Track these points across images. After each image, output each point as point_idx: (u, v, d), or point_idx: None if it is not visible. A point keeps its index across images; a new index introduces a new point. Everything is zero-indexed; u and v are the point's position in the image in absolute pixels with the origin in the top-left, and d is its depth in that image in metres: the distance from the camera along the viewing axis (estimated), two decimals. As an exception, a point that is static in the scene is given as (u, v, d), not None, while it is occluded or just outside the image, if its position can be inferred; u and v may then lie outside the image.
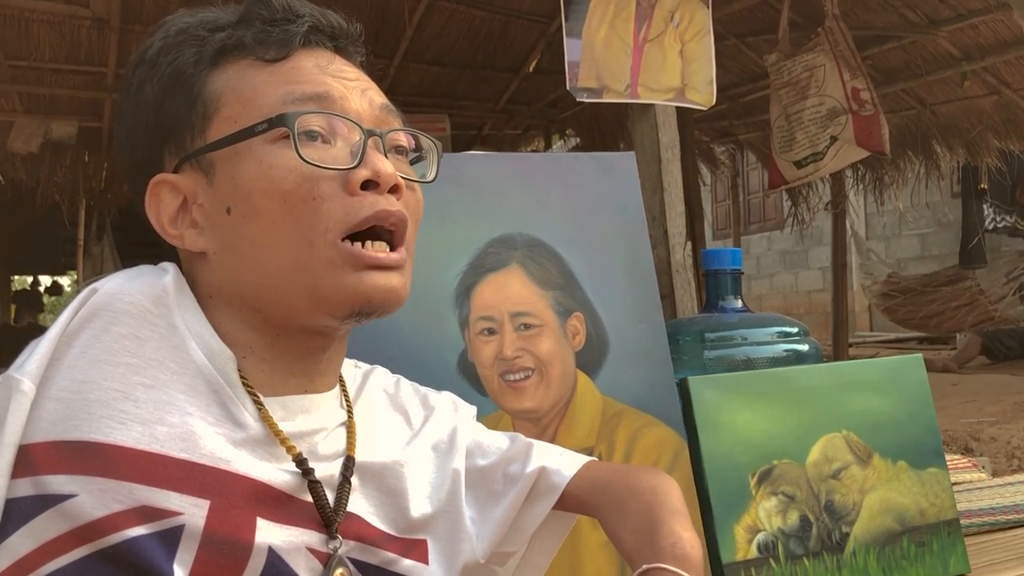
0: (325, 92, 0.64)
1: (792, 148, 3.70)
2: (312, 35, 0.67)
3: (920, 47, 4.68)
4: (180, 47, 0.66)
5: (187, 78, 0.65)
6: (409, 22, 4.61)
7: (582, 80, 2.09)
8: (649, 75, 2.12)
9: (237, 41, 0.66)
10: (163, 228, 0.66)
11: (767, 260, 11.81)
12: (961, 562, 1.04)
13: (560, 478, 0.73)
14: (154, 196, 0.66)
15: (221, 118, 0.64)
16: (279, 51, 0.65)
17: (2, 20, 4.20)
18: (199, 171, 0.65)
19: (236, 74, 0.65)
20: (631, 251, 1.03)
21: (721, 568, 0.94)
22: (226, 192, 0.63)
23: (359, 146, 0.64)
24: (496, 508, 0.74)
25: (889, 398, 1.07)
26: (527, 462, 0.75)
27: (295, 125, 0.61)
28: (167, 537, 0.57)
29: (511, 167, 1.02)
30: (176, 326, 0.62)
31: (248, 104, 0.64)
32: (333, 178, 0.62)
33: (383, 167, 0.63)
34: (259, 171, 0.62)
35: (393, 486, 0.71)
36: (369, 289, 0.63)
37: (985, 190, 7.89)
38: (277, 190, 0.62)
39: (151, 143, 0.67)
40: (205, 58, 0.66)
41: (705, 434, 0.97)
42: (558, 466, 0.74)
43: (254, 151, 0.62)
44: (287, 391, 0.66)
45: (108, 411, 0.58)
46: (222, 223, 0.64)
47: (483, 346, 0.93)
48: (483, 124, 6.30)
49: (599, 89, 2.11)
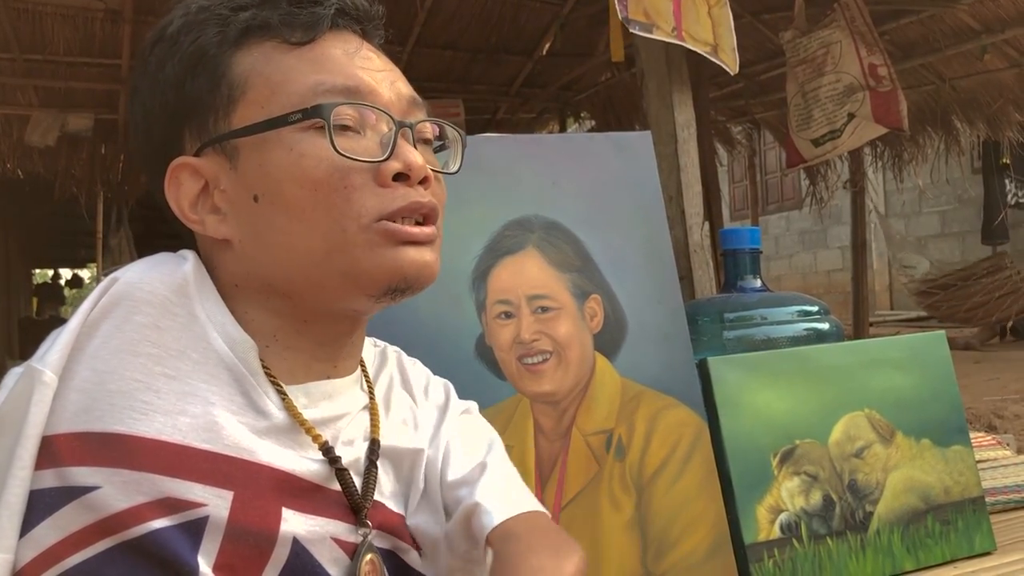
0: (356, 86, 0.64)
1: (809, 126, 3.66)
2: (339, 18, 0.66)
3: (938, 21, 4.60)
4: (202, 25, 0.65)
5: (210, 58, 0.64)
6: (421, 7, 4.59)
7: (632, 12, 2.05)
8: (690, 23, 2.10)
9: (263, 21, 0.64)
10: (183, 213, 0.65)
11: (786, 240, 11.74)
12: (987, 540, 1.03)
13: (487, 521, 0.66)
14: (174, 180, 0.65)
15: (247, 102, 0.63)
16: (306, 34, 0.64)
17: (16, 14, 4.22)
18: (222, 155, 0.64)
19: (262, 57, 0.64)
20: (648, 232, 1.02)
21: (744, 549, 0.93)
22: (253, 179, 0.62)
23: (389, 138, 0.63)
24: (436, 526, 0.70)
25: (912, 376, 1.06)
26: (473, 491, 0.69)
27: (331, 117, 0.61)
28: (191, 528, 0.57)
29: (526, 149, 1.01)
30: (197, 315, 0.62)
31: (277, 90, 0.63)
32: (365, 169, 0.62)
33: (414, 159, 0.63)
34: (289, 159, 0.61)
35: (408, 473, 0.71)
36: (406, 264, 0.62)
37: (1007, 165, 7.79)
38: (308, 179, 0.61)
39: (170, 124, 0.66)
40: (229, 38, 0.64)
41: (726, 415, 0.96)
42: (492, 507, 0.67)
43: (284, 139, 0.62)
44: (309, 378, 0.66)
45: (130, 402, 0.58)
46: (248, 211, 0.63)
47: (500, 330, 0.92)
48: (497, 108, 6.28)
49: (649, 24, 2.06)
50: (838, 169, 6.34)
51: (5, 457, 0.56)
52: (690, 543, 0.93)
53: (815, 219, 9.27)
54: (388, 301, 0.64)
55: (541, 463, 0.91)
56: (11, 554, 0.55)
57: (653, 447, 0.95)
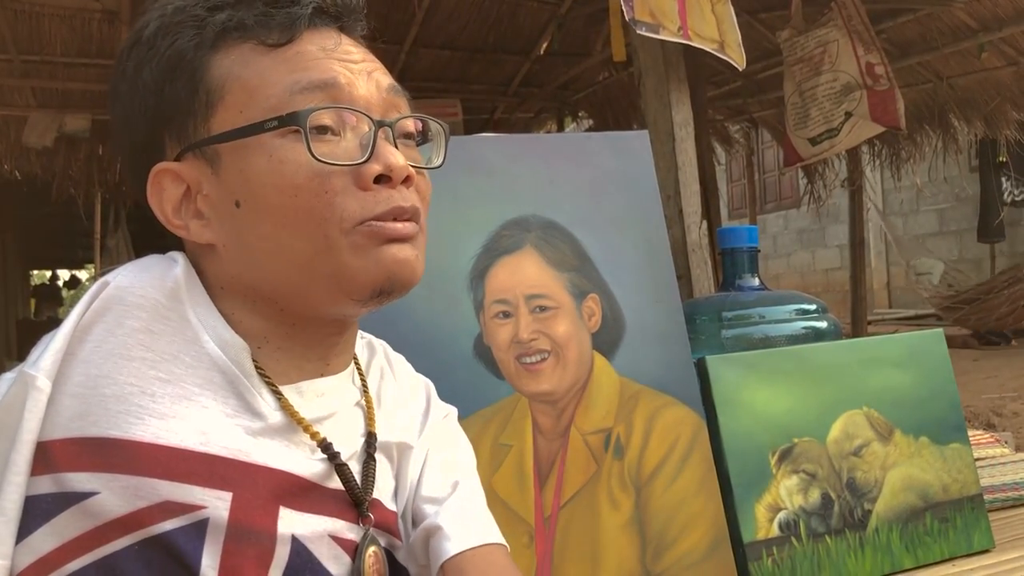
0: (332, 79, 0.63)
1: (807, 125, 3.66)
2: (317, 17, 0.65)
3: (936, 19, 4.60)
4: (179, 27, 0.64)
5: (187, 62, 0.63)
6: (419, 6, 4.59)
7: (639, 13, 2.04)
8: (695, 21, 2.09)
9: (238, 23, 0.63)
10: (167, 218, 0.65)
11: (784, 239, 11.74)
12: (985, 537, 1.04)
13: (445, 548, 0.66)
14: (156, 185, 0.64)
15: (226, 107, 0.62)
16: (282, 35, 0.63)
17: (14, 15, 4.21)
18: (203, 161, 0.63)
19: (239, 60, 0.63)
20: (646, 231, 1.02)
21: (742, 547, 0.93)
22: (234, 185, 0.62)
23: (369, 138, 0.62)
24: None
25: (910, 374, 1.06)
26: (438, 511, 0.69)
27: (306, 123, 0.60)
28: (193, 531, 0.57)
29: (523, 149, 1.01)
30: (188, 319, 0.62)
31: (254, 94, 0.62)
32: (345, 172, 0.61)
33: (394, 160, 0.62)
34: (269, 165, 0.61)
35: (401, 468, 0.71)
36: (390, 263, 0.62)
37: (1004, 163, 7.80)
38: (289, 184, 0.60)
39: (151, 128, 0.65)
40: (206, 41, 0.63)
41: (724, 413, 0.96)
42: (452, 534, 0.67)
43: (264, 145, 0.61)
44: (302, 377, 0.66)
45: (125, 406, 0.58)
46: (231, 216, 0.63)
47: (498, 329, 0.92)
48: (495, 108, 6.27)
49: (655, 25, 2.05)
50: (836, 168, 6.34)
51: (0, 463, 0.56)
52: (689, 542, 0.93)
53: (813, 218, 9.27)
54: (374, 305, 0.64)
55: (540, 462, 0.91)
56: (8, 560, 0.55)
57: (651, 446, 0.95)
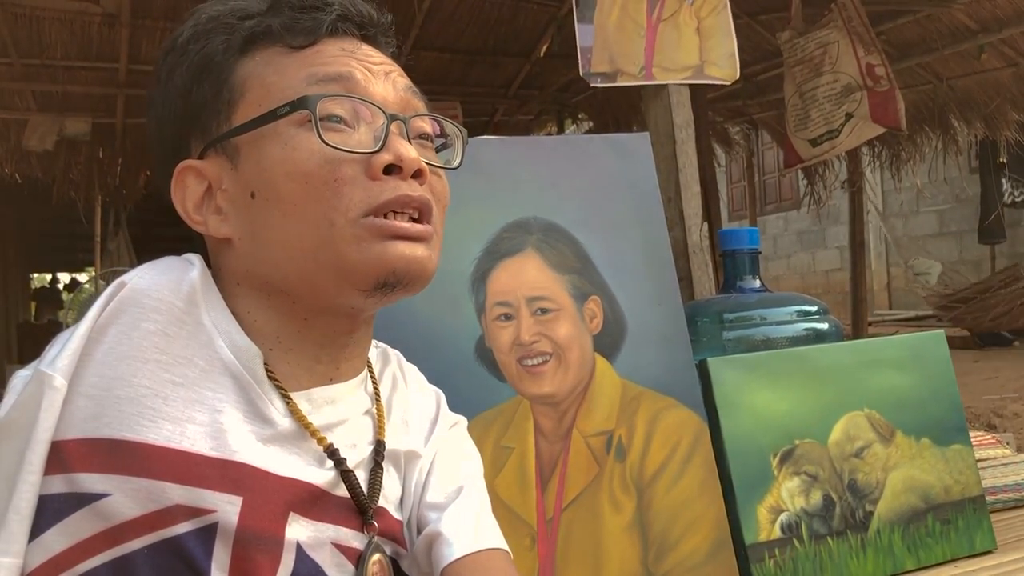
0: (348, 73, 0.64)
1: (807, 126, 3.66)
2: (340, 23, 0.67)
3: (936, 20, 4.61)
4: (210, 35, 0.67)
5: (215, 65, 0.66)
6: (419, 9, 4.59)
7: (595, 65, 2.06)
8: (664, 55, 2.10)
9: (265, 28, 0.66)
10: (188, 214, 0.66)
11: (784, 240, 11.74)
12: (987, 539, 1.03)
13: (447, 553, 0.67)
14: (179, 182, 0.66)
15: (246, 103, 0.64)
16: (306, 38, 0.66)
17: (14, 19, 4.21)
18: (224, 156, 0.65)
19: (263, 61, 0.65)
20: (647, 233, 1.02)
21: (744, 549, 0.93)
22: (251, 176, 0.63)
23: (382, 130, 0.63)
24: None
25: (911, 375, 1.06)
26: (441, 517, 0.69)
27: (316, 108, 0.61)
28: (202, 535, 0.57)
29: (524, 151, 1.01)
30: (203, 323, 0.62)
31: (272, 88, 0.64)
32: (356, 161, 0.62)
33: (405, 152, 0.63)
34: (283, 153, 0.62)
35: (405, 474, 0.71)
36: (394, 258, 0.62)
37: (1004, 164, 7.80)
38: (299, 171, 0.61)
39: (178, 130, 0.67)
40: (234, 46, 0.66)
41: (726, 415, 0.96)
42: (454, 539, 0.67)
43: (279, 133, 0.62)
44: (313, 383, 0.66)
45: (138, 409, 0.58)
46: (246, 208, 0.64)
47: (500, 332, 0.92)
48: (495, 110, 6.27)
49: (613, 73, 2.08)
50: (836, 169, 6.34)
51: (15, 461, 0.56)
52: (691, 544, 0.93)
53: (813, 219, 9.27)
54: (380, 297, 0.64)
55: (542, 465, 0.91)
56: (20, 559, 0.56)
57: (653, 448, 0.95)
